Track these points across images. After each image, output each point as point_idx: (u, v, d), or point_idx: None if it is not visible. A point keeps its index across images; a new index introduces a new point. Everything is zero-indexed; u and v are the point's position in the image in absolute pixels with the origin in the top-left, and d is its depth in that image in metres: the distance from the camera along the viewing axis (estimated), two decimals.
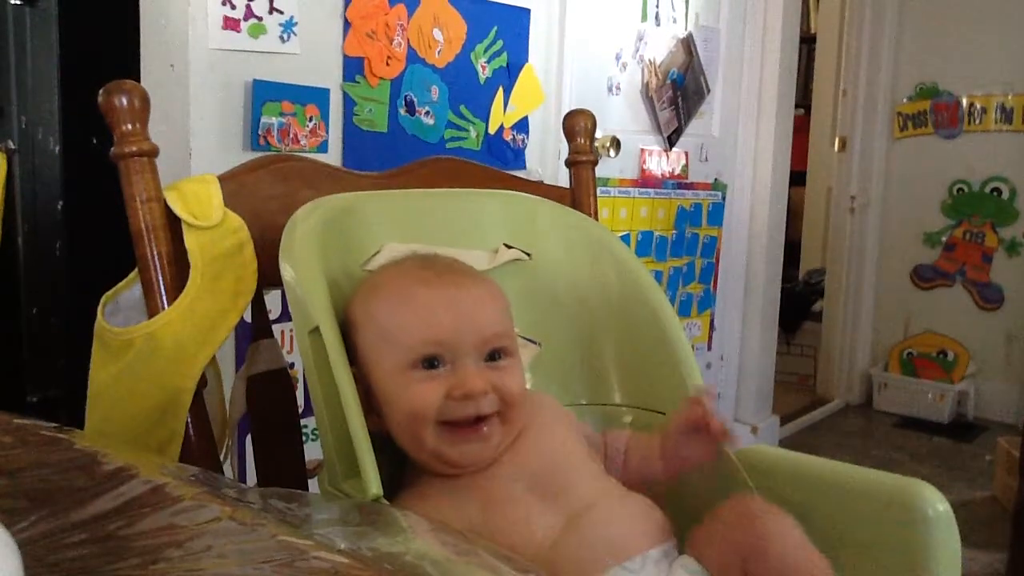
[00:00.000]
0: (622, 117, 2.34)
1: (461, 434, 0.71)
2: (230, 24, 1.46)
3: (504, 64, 1.94)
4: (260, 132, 1.51)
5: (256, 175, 0.87)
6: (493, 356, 0.74)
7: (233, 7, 1.46)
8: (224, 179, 0.84)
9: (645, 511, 0.76)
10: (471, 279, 0.78)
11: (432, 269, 0.77)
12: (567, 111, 1.13)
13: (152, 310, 0.80)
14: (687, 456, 0.79)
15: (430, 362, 0.72)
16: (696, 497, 0.84)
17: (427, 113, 1.79)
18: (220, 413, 0.89)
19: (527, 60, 2.00)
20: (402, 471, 0.76)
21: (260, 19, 1.50)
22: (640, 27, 2.36)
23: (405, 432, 0.73)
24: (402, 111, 1.75)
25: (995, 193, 3.46)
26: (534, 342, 0.91)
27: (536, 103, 2.04)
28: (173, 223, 0.80)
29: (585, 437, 0.83)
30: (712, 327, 2.78)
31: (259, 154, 1.34)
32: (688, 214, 2.60)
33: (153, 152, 0.80)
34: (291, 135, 1.56)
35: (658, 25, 2.41)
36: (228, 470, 0.90)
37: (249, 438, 0.91)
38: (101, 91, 0.79)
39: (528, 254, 0.92)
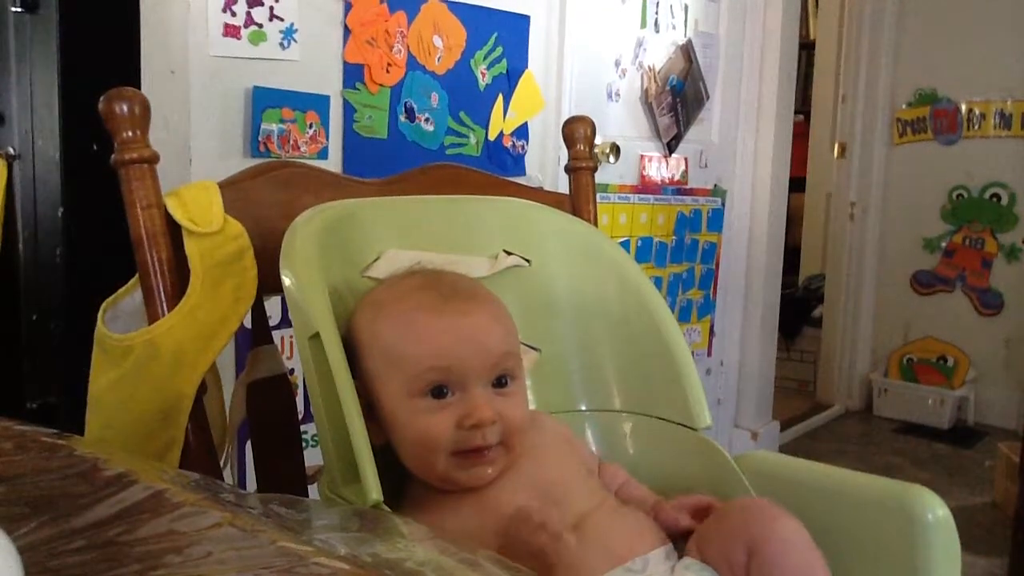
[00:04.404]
0: (621, 123, 2.34)
1: (469, 459, 0.72)
2: (230, 31, 1.47)
3: (504, 71, 1.95)
4: (260, 139, 1.51)
5: (256, 182, 0.87)
6: (500, 381, 0.74)
7: (233, 14, 1.46)
8: (224, 186, 0.84)
9: (641, 519, 0.77)
10: (476, 303, 0.77)
11: (437, 291, 0.76)
12: (567, 117, 1.14)
13: (152, 316, 0.80)
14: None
15: (438, 390, 0.72)
16: None
17: (427, 120, 1.79)
18: (220, 419, 0.89)
19: (527, 67, 2.01)
20: (402, 477, 0.76)
21: (260, 26, 1.50)
22: (639, 33, 2.37)
23: (414, 457, 0.73)
24: (402, 118, 1.75)
25: (994, 199, 3.47)
26: (534, 348, 0.91)
27: (536, 109, 2.04)
28: (173, 229, 0.81)
29: (582, 456, 0.83)
30: (712, 333, 2.78)
31: (259, 161, 1.34)
32: (688, 220, 2.60)
33: (153, 159, 0.80)
34: (291, 142, 1.56)
35: (657, 31, 2.42)
36: (228, 476, 0.90)
37: (249, 444, 0.91)
38: (102, 98, 0.79)
39: (528, 260, 0.92)
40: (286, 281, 0.75)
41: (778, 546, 0.68)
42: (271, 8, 1.51)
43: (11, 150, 1.47)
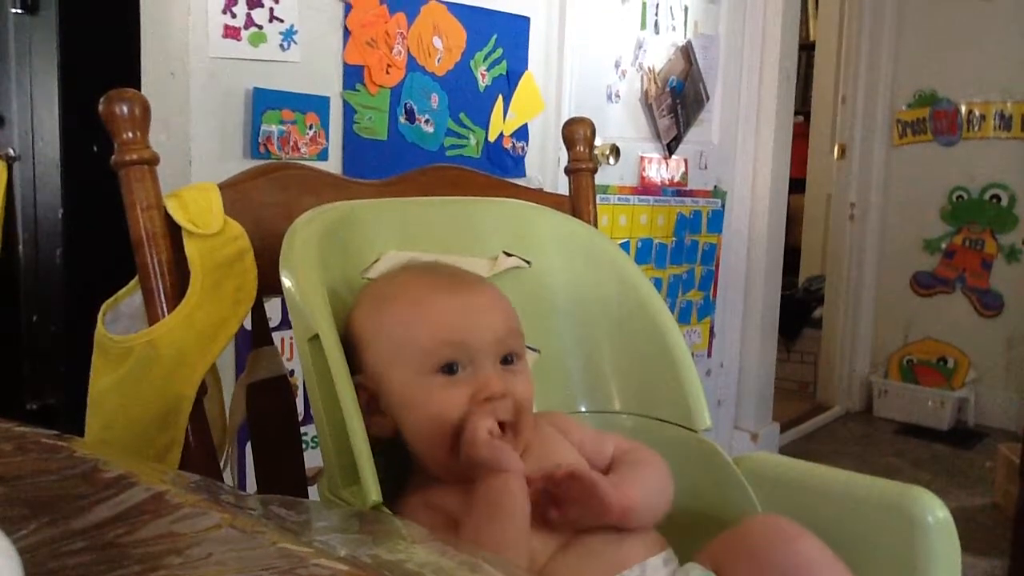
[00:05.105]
0: (621, 125, 2.34)
1: None
2: (230, 32, 1.47)
3: (504, 72, 1.95)
4: (260, 140, 1.51)
5: (256, 183, 0.87)
6: (507, 359, 0.75)
7: (233, 16, 1.46)
8: (224, 187, 0.84)
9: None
10: (477, 283, 0.79)
11: (438, 274, 0.78)
12: (566, 119, 1.14)
13: (152, 318, 0.80)
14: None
15: (450, 367, 0.72)
16: (697, 505, 0.84)
17: (427, 121, 1.79)
18: (220, 420, 0.89)
19: (527, 68, 2.01)
20: (403, 479, 0.76)
21: (260, 27, 1.50)
22: (639, 35, 2.37)
23: (428, 438, 0.73)
24: (402, 119, 1.75)
25: (994, 200, 3.47)
26: (534, 349, 0.91)
27: (536, 111, 2.04)
28: (173, 231, 0.81)
29: (591, 444, 0.81)
30: (712, 334, 2.78)
31: (259, 162, 1.34)
32: (688, 221, 2.60)
33: (154, 160, 0.81)
34: (291, 143, 1.56)
35: (657, 33, 2.42)
36: (228, 477, 0.90)
37: (249, 445, 0.91)
38: (102, 99, 0.79)
39: (528, 262, 0.92)
40: (286, 283, 0.75)
41: (806, 569, 0.67)
42: (271, 9, 1.51)
43: (11, 151, 1.47)
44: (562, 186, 1.15)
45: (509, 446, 0.70)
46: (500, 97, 1.94)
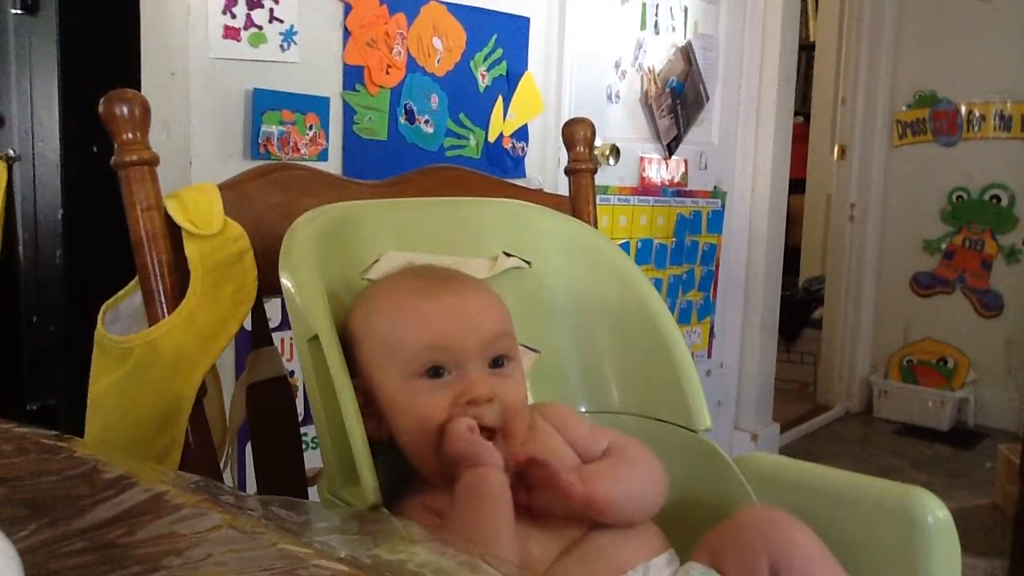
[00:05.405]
0: (621, 125, 2.34)
1: None
2: (230, 33, 1.47)
3: (504, 72, 1.95)
4: (260, 141, 1.51)
5: (256, 184, 0.87)
6: (497, 362, 0.74)
7: (233, 16, 1.46)
8: (224, 188, 0.84)
9: (641, 525, 0.76)
10: (469, 286, 0.78)
11: (429, 279, 0.77)
12: (566, 119, 1.14)
13: (152, 318, 0.80)
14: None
15: (435, 370, 0.72)
16: (697, 505, 0.84)
17: (427, 121, 1.79)
18: (220, 421, 0.89)
19: (526, 68, 2.01)
20: (403, 481, 0.76)
21: (260, 28, 1.50)
22: (639, 35, 2.37)
23: (414, 442, 0.73)
24: (402, 119, 1.75)
25: (994, 200, 3.47)
26: (534, 350, 0.91)
27: (535, 111, 2.04)
28: (173, 232, 0.81)
29: (586, 440, 0.80)
30: (712, 334, 2.78)
31: (259, 163, 1.34)
32: (688, 222, 2.60)
33: (154, 161, 0.81)
34: (291, 144, 1.56)
35: (657, 33, 2.42)
36: (228, 478, 0.90)
37: (249, 446, 0.91)
38: (102, 100, 0.79)
39: (528, 262, 0.92)
40: (285, 283, 0.75)
41: (802, 562, 0.68)
42: (271, 10, 1.51)
43: (11, 152, 1.47)
44: (562, 186, 1.15)
45: (488, 441, 0.69)
46: (500, 97, 1.94)
